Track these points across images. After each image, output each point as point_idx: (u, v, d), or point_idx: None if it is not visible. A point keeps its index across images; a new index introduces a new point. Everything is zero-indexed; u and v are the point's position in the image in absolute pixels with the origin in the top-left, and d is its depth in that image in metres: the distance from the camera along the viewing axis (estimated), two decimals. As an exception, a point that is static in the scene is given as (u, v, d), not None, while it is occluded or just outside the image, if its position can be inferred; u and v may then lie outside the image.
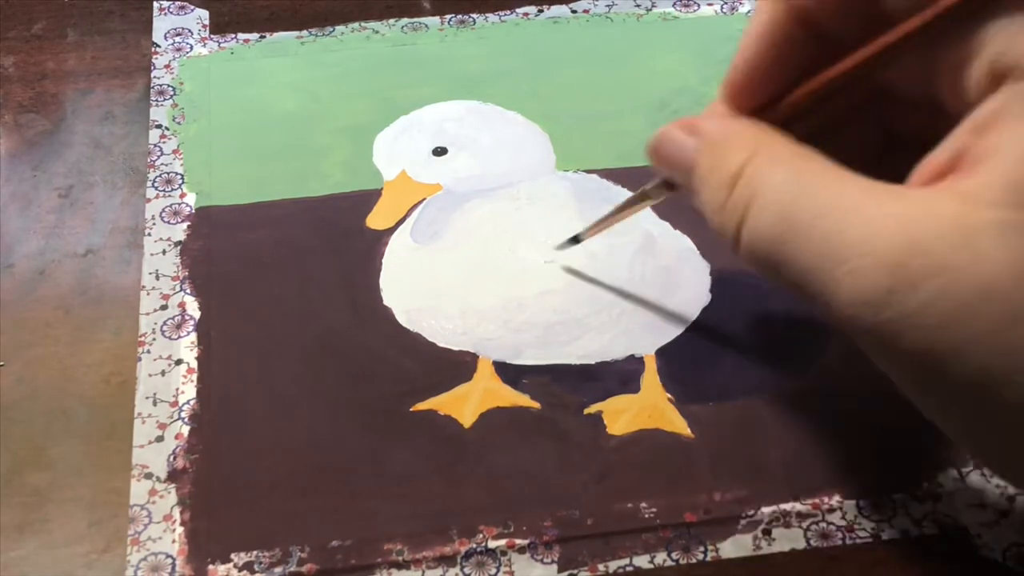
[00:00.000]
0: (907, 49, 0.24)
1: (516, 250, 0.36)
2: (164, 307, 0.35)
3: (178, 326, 0.34)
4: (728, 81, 0.26)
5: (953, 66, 0.24)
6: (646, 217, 0.37)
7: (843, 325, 0.23)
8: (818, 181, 0.24)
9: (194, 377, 0.33)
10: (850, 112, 0.27)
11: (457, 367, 0.33)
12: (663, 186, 0.29)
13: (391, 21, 0.45)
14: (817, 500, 0.30)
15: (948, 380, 0.22)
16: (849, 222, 0.22)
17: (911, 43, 0.24)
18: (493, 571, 0.29)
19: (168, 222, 0.37)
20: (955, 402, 0.23)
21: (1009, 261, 0.21)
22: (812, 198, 0.23)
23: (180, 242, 0.37)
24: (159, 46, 0.44)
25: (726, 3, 0.46)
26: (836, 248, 0.22)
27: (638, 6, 0.46)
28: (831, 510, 0.30)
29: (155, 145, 0.40)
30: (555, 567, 0.29)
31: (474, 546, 0.29)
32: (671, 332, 0.34)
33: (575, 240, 0.35)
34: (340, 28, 0.45)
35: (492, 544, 0.30)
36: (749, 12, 0.45)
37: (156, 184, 0.39)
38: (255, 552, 0.29)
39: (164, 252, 0.37)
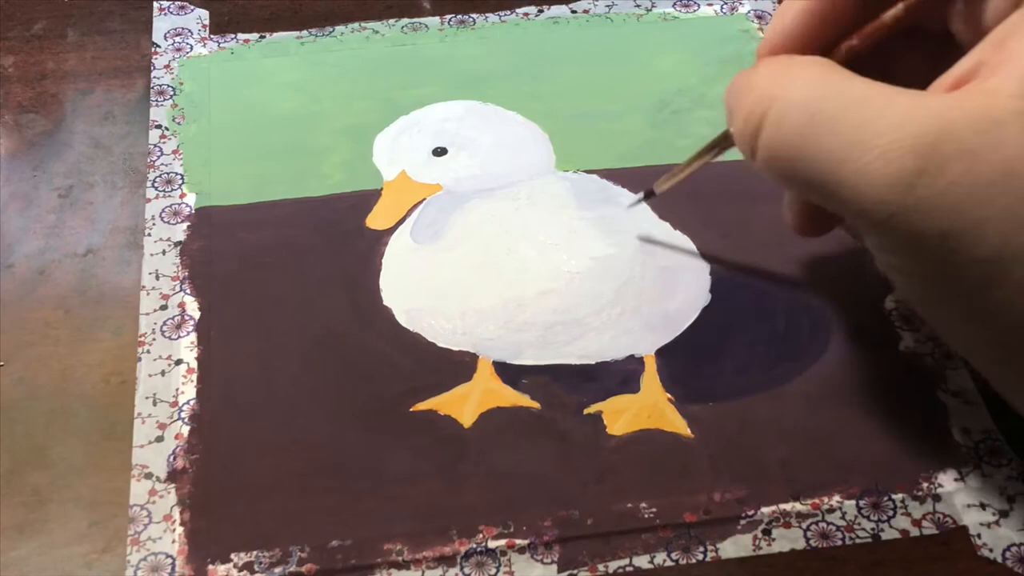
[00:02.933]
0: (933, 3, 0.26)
1: (516, 250, 0.36)
2: (164, 307, 0.35)
3: (178, 326, 0.34)
4: (768, 46, 0.28)
5: (976, 8, 0.26)
6: (646, 217, 0.37)
7: (866, 215, 0.24)
8: (846, 81, 0.25)
9: (194, 377, 0.33)
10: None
11: (457, 367, 0.33)
12: (725, 136, 0.30)
13: (391, 21, 0.45)
14: (817, 500, 0.30)
15: (964, 262, 0.23)
16: (878, 112, 0.24)
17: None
18: (493, 571, 0.29)
19: (168, 222, 0.37)
20: (965, 291, 0.24)
21: None
22: (840, 94, 0.24)
23: (180, 242, 0.37)
24: (159, 46, 0.44)
25: (726, 3, 0.46)
26: (866, 136, 0.23)
27: (638, 6, 0.46)
28: (831, 510, 0.30)
29: (155, 145, 0.40)
30: (555, 567, 0.29)
31: (474, 546, 0.29)
32: (671, 332, 0.34)
33: (650, 194, 0.35)
34: (340, 28, 0.45)
35: (492, 544, 0.29)
36: (749, 12, 0.45)
37: (156, 184, 0.39)
38: (255, 552, 0.29)
39: (164, 252, 0.37)
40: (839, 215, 0.30)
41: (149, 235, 0.37)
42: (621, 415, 0.32)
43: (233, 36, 0.45)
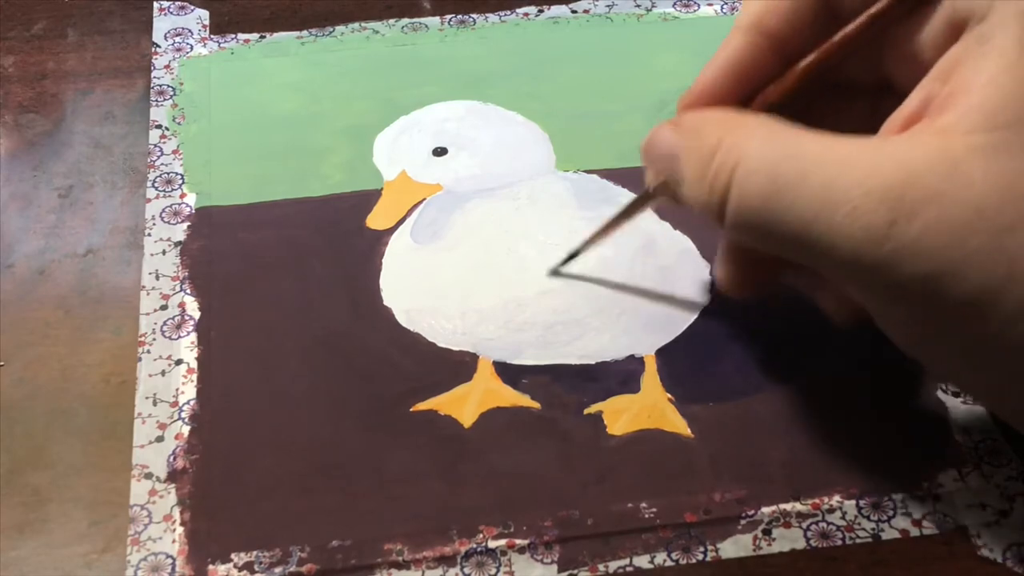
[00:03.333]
0: (865, 36, 0.26)
1: (516, 250, 0.36)
2: (164, 307, 0.35)
3: (178, 326, 0.34)
4: (691, 94, 0.29)
5: (907, 41, 0.26)
6: (646, 217, 0.37)
7: (843, 268, 0.24)
8: (800, 140, 0.25)
9: (194, 377, 0.33)
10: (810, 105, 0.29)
11: (457, 367, 0.33)
12: (648, 194, 0.31)
13: (391, 21, 0.45)
14: (817, 500, 0.30)
15: (949, 303, 0.23)
16: (840, 169, 0.24)
17: (871, 28, 0.26)
18: (493, 571, 0.29)
19: (168, 222, 0.37)
20: (954, 330, 0.24)
21: (993, 179, 0.23)
22: (799, 155, 0.25)
23: (180, 242, 0.37)
24: (159, 46, 0.44)
25: (726, 3, 0.46)
26: (833, 194, 0.24)
27: (638, 6, 0.46)
28: (831, 510, 0.30)
29: (155, 145, 0.40)
30: (555, 567, 0.29)
31: (474, 546, 0.29)
32: (671, 332, 0.34)
33: (572, 256, 0.35)
34: (340, 28, 0.45)
35: (492, 544, 0.29)
36: (749, 12, 0.45)
37: (156, 184, 0.39)
38: (255, 552, 0.29)
39: (164, 252, 0.37)
40: (773, 277, 0.31)
41: (149, 235, 0.37)
42: (621, 415, 0.32)
43: (233, 36, 0.45)
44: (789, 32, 0.27)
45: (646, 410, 0.32)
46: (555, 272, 0.35)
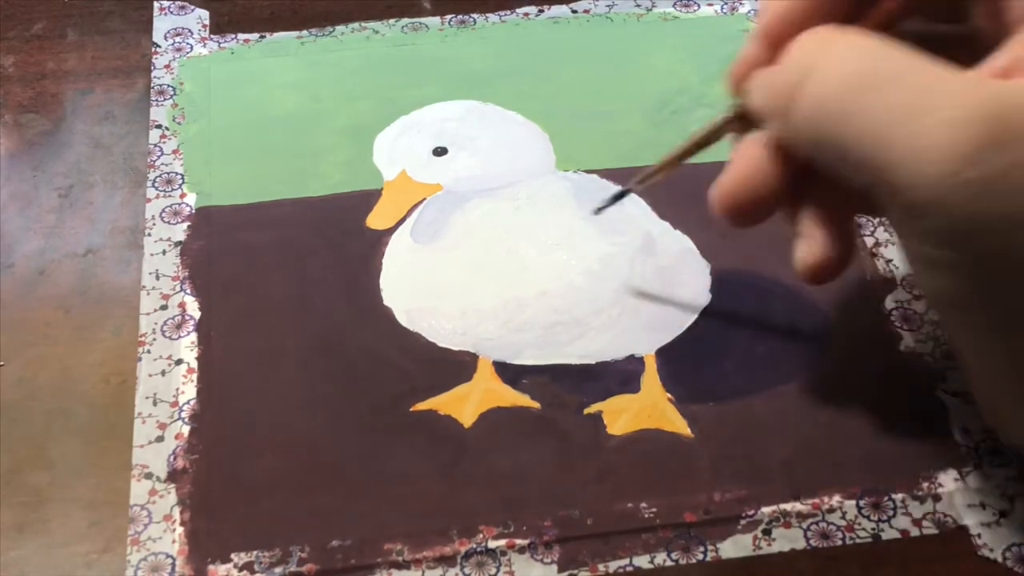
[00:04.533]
0: None
1: (516, 250, 0.36)
2: (164, 307, 0.35)
3: (178, 326, 0.34)
4: (772, 22, 0.26)
5: (999, 3, 0.24)
6: (646, 217, 0.37)
7: (916, 191, 0.22)
8: (894, 49, 0.23)
9: (194, 377, 0.33)
10: None
11: (457, 367, 0.33)
12: (732, 120, 0.29)
13: (391, 21, 0.45)
14: (817, 500, 0.30)
15: (1017, 254, 0.21)
16: (937, 81, 0.22)
17: None
18: (493, 571, 0.29)
19: (168, 222, 0.37)
20: (1014, 291, 0.22)
21: None
22: (891, 60, 0.23)
23: (180, 242, 0.37)
24: (159, 46, 0.44)
25: (726, 3, 0.46)
26: (922, 102, 0.21)
27: (638, 6, 0.46)
28: (831, 510, 0.30)
29: (155, 145, 0.40)
30: (555, 567, 0.29)
31: (474, 546, 0.29)
32: (671, 332, 0.34)
33: (622, 195, 0.33)
34: (340, 28, 0.45)
35: (492, 544, 0.29)
36: (749, 12, 0.45)
37: (156, 184, 0.39)
38: (255, 552, 0.29)
39: (164, 252, 0.37)
40: (775, 206, 0.27)
41: (149, 235, 0.37)
42: (621, 415, 0.32)
43: (233, 36, 0.45)
44: None
45: (646, 410, 0.32)
46: (602, 208, 0.34)
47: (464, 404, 0.32)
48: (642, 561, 0.29)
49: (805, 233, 0.27)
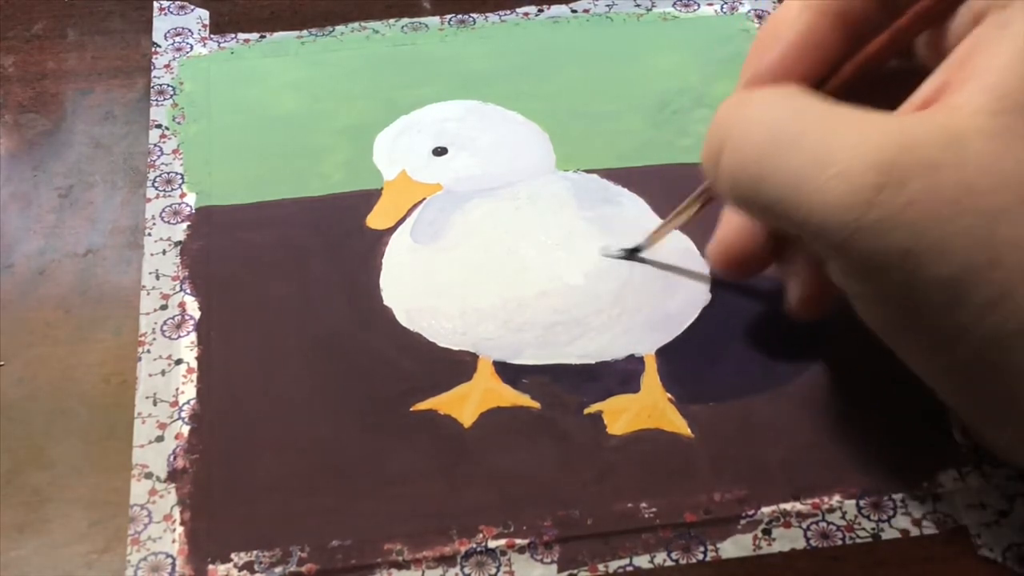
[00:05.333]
0: (920, 28, 0.26)
1: (516, 250, 0.36)
2: (164, 307, 0.35)
3: (178, 326, 0.34)
4: (753, 80, 0.27)
5: (937, 30, 0.26)
6: (647, 217, 0.37)
7: (826, 235, 0.24)
8: (808, 103, 0.25)
9: (194, 377, 0.33)
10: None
11: (457, 367, 0.33)
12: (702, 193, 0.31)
13: (391, 21, 0.45)
14: (817, 500, 0.30)
15: (927, 283, 0.23)
16: (838, 131, 0.23)
17: (926, 21, 0.26)
18: (493, 571, 0.29)
19: (168, 222, 0.37)
20: (928, 314, 0.24)
21: (989, 161, 0.22)
22: (801, 114, 0.24)
23: (180, 242, 0.37)
24: (159, 46, 0.44)
25: (726, 3, 0.46)
26: (826, 153, 0.23)
27: (638, 6, 0.46)
28: (831, 510, 0.30)
29: (155, 145, 0.40)
30: (555, 567, 0.29)
31: (474, 546, 0.29)
32: (671, 332, 0.34)
33: (633, 253, 0.35)
34: (340, 28, 0.45)
35: (492, 544, 0.29)
36: (749, 12, 0.45)
37: (156, 184, 0.39)
38: (255, 552, 0.29)
39: (164, 252, 0.37)
40: (769, 256, 0.30)
41: (149, 235, 0.37)
42: (621, 415, 0.32)
43: (233, 36, 0.45)
44: (853, 11, 0.27)
45: (646, 410, 0.32)
46: (615, 255, 0.36)
47: (464, 404, 0.33)
48: (642, 561, 0.29)
49: (792, 274, 0.30)
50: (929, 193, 0.22)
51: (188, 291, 0.35)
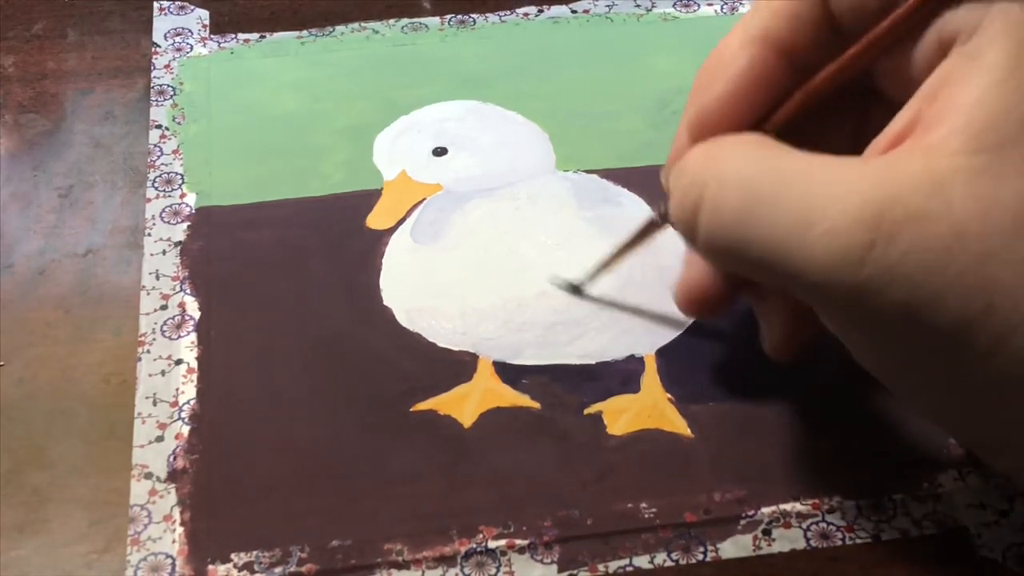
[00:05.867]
0: (874, 55, 0.25)
1: (516, 250, 0.36)
2: (164, 307, 0.35)
3: (178, 326, 0.34)
4: (698, 118, 0.27)
5: (898, 55, 0.25)
6: (646, 217, 0.37)
7: (817, 292, 0.23)
8: (781, 156, 0.24)
9: (194, 377, 0.33)
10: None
11: (457, 367, 0.33)
12: (650, 223, 0.31)
13: (391, 21, 0.45)
14: (817, 500, 0.30)
15: (927, 332, 0.22)
16: (819, 186, 0.23)
17: (879, 48, 0.25)
18: (493, 571, 0.29)
19: (168, 222, 0.37)
20: (930, 361, 0.23)
21: (976, 203, 0.22)
22: (776, 169, 0.24)
23: (180, 242, 0.37)
24: (159, 46, 0.44)
25: (726, 3, 0.46)
26: (808, 212, 0.22)
27: (638, 6, 0.46)
28: (831, 510, 0.30)
29: (155, 145, 0.40)
30: (555, 567, 0.29)
31: (474, 546, 0.29)
32: (671, 332, 0.34)
33: (575, 289, 0.35)
34: (340, 28, 0.45)
35: (492, 544, 0.30)
36: (749, 12, 0.45)
37: (156, 184, 0.39)
38: (255, 552, 0.29)
39: (164, 252, 0.37)
40: (737, 297, 0.30)
41: (149, 235, 0.37)
42: (621, 415, 0.32)
43: (233, 36, 0.45)
44: (797, 43, 0.26)
45: (646, 410, 0.32)
46: (561, 286, 0.35)
47: (464, 404, 0.33)
48: (642, 561, 0.29)
49: (764, 315, 0.30)
50: (920, 243, 0.22)
51: (188, 291, 0.35)
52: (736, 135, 0.26)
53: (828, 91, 0.26)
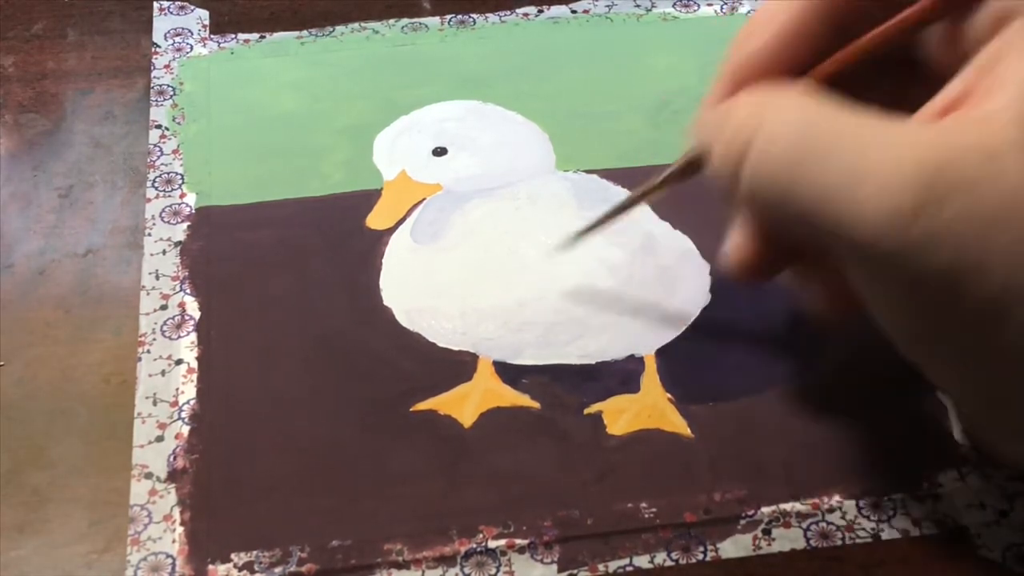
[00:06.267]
0: (923, 25, 0.25)
1: (516, 250, 0.36)
2: (164, 307, 0.35)
3: (178, 326, 0.34)
4: (742, 65, 0.27)
5: (952, 26, 0.25)
6: (646, 217, 0.37)
7: (861, 251, 0.23)
8: (833, 108, 0.24)
9: (194, 377, 0.33)
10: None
11: (457, 367, 0.33)
12: (682, 166, 0.30)
13: (391, 21, 0.45)
14: (817, 500, 0.30)
15: (968, 300, 0.22)
16: (873, 143, 0.23)
17: (927, 19, 0.25)
18: (493, 571, 0.29)
19: (168, 222, 0.37)
20: (967, 331, 0.23)
21: None
22: (833, 121, 0.23)
23: (180, 242, 0.37)
24: (159, 46, 0.44)
25: (726, 3, 0.46)
26: (863, 166, 0.22)
27: (638, 6, 0.46)
28: (831, 510, 0.30)
29: (155, 145, 0.40)
30: (555, 567, 0.29)
31: (474, 546, 0.29)
32: (671, 332, 0.34)
33: (598, 223, 0.34)
34: (340, 28, 0.45)
35: (492, 544, 0.30)
36: (749, 12, 0.45)
37: (156, 184, 0.39)
38: (255, 552, 0.29)
39: (164, 252, 0.37)
40: (785, 260, 0.29)
41: (149, 235, 0.37)
42: (621, 415, 0.32)
43: (233, 36, 0.45)
44: (843, 2, 0.26)
45: (646, 410, 0.32)
46: (570, 243, 0.34)
47: (464, 404, 0.33)
48: (642, 561, 0.29)
49: (809, 286, 0.29)
50: (969, 211, 0.22)
51: (188, 291, 0.35)
52: (787, 85, 0.26)
53: (876, 51, 0.26)
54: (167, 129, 0.41)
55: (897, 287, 0.24)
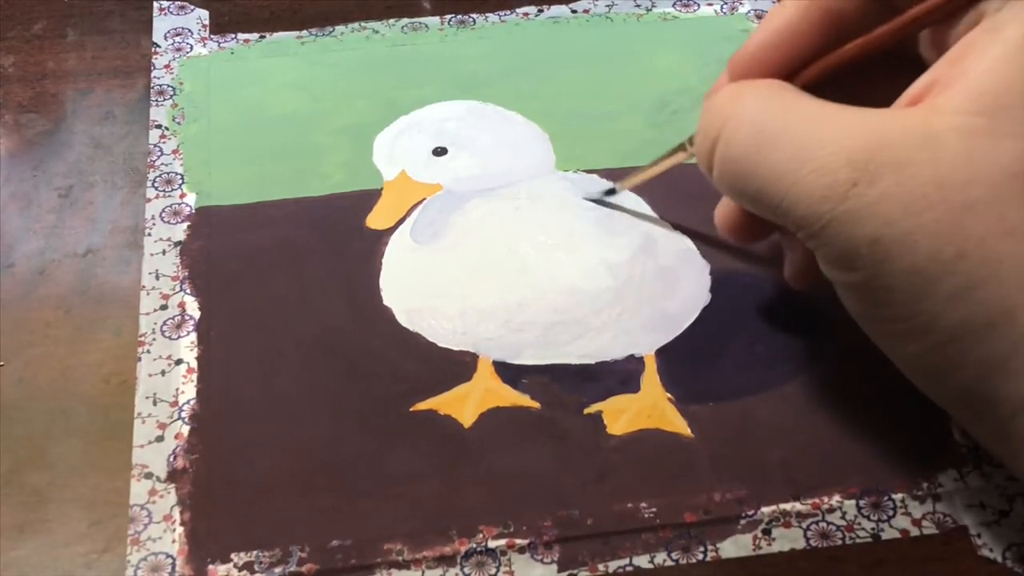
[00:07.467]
0: (918, 28, 0.27)
1: (516, 250, 0.36)
2: (164, 307, 0.35)
3: (178, 326, 0.34)
4: (735, 61, 0.29)
5: (942, 31, 0.26)
6: (646, 217, 0.37)
7: (802, 226, 0.25)
8: (794, 100, 0.26)
9: (194, 377, 0.33)
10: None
11: (457, 367, 0.33)
12: (680, 147, 0.33)
13: (391, 21, 0.45)
14: (817, 500, 0.30)
15: (895, 272, 0.24)
16: (819, 128, 0.25)
17: (917, 26, 0.27)
18: (493, 571, 0.29)
19: (168, 222, 0.37)
20: (897, 302, 0.25)
21: (964, 158, 0.23)
22: (786, 111, 0.26)
23: (180, 242, 0.37)
24: (159, 46, 0.44)
25: (726, 3, 0.46)
26: (805, 150, 0.25)
27: (638, 6, 0.46)
28: (831, 510, 0.30)
29: (155, 145, 0.40)
30: (555, 567, 0.29)
31: (474, 546, 0.29)
32: (671, 332, 0.34)
33: (611, 192, 0.37)
34: (340, 28, 0.45)
35: (492, 544, 0.30)
36: (749, 12, 0.45)
37: (156, 184, 0.39)
38: (255, 552, 0.29)
39: (164, 252, 0.37)
40: (771, 226, 0.31)
41: (149, 235, 0.37)
42: (621, 415, 0.32)
43: (233, 36, 0.45)
44: (846, 8, 0.28)
45: (646, 410, 0.32)
46: (593, 198, 0.37)
47: (464, 404, 0.33)
48: (642, 561, 0.29)
49: (788, 247, 0.32)
50: (900, 187, 0.23)
51: (188, 291, 0.35)
52: (758, 80, 0.28)
53: (858, 59, 0.27)
54: (167, 129, 0.41)
55: (836, 261, 0.25)
